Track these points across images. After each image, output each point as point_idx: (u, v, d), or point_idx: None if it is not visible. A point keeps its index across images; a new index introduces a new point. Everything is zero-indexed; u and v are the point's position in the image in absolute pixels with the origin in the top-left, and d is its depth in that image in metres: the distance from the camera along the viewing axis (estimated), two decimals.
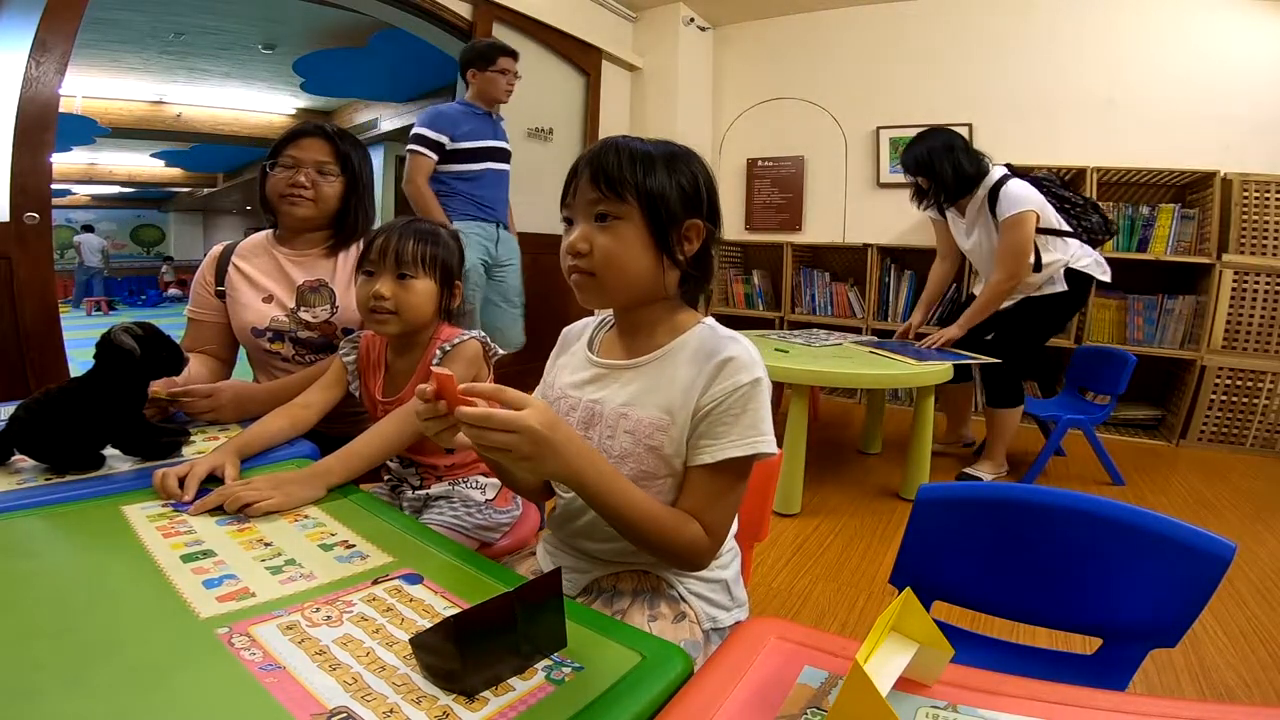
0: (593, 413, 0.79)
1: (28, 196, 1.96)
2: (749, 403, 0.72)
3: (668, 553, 0.72)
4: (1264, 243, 3.05)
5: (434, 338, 1.11)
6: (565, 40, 3.70)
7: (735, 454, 0.71)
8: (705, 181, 0.78)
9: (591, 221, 0.75)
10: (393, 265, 1.05)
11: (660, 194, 0.74)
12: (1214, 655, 1.49)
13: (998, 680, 0.51)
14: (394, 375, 1.14)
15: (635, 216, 0.73)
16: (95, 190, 11.22)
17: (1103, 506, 0.78)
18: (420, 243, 1.07)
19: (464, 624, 0.48)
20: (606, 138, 0.78)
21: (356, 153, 1.36)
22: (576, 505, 0.82)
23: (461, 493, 1.12)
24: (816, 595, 1.74)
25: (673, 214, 0.74)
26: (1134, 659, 0.77)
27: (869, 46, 3.97)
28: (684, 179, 0.76)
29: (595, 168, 0.74)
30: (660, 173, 0.74)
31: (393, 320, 1.06)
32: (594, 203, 0.74)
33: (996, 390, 2.49)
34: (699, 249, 0.77)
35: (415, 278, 1.06)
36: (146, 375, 0.97)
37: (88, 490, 0.84)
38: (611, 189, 0.73)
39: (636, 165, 0.74)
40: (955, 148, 2.45)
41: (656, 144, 0.77)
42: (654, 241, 0.74)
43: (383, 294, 1.04)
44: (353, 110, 7.24)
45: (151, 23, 4.70)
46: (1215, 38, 3.23)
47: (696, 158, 0.80)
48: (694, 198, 0.76)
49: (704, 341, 0.76)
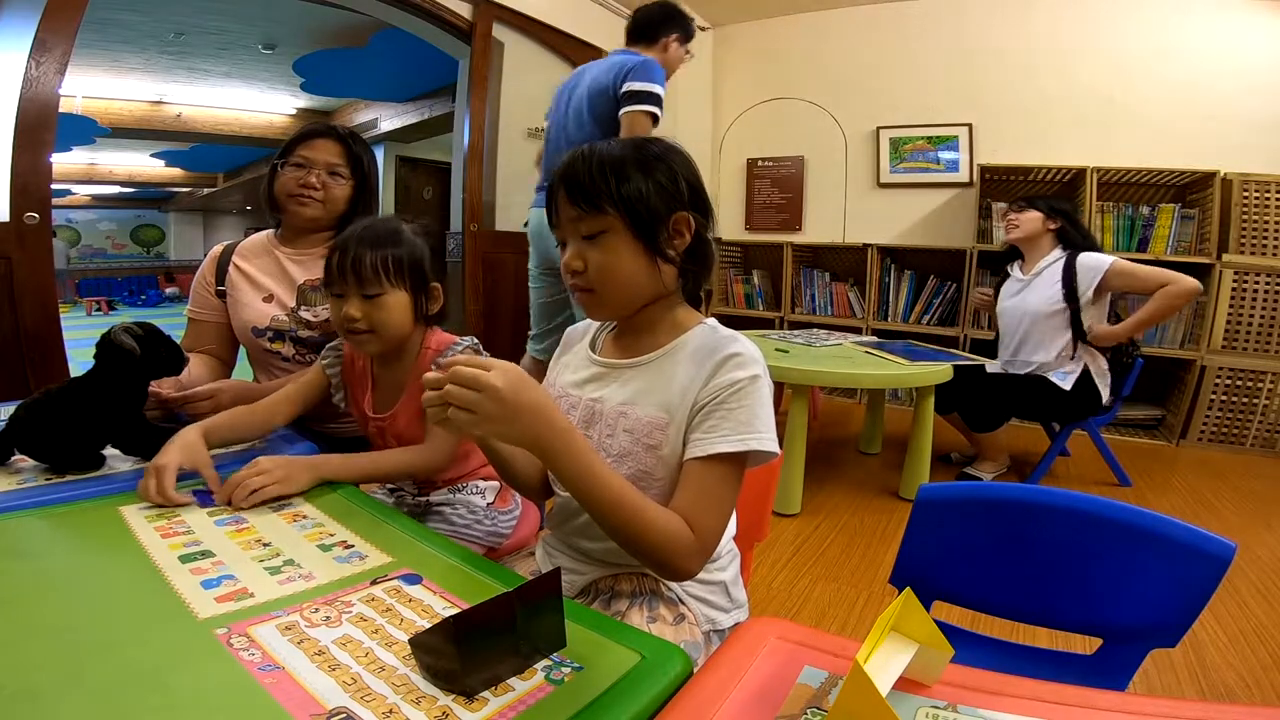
0: (593, 411, 0.79)
1: (28, 196, 1.96)
2: (745, 398, 0.71)
3: (647, 547, 0.67)
4: (1264, 243, 3.05)
5: (423, 346, 1.08)
6: (565, 40, 3.70)
7: (726, 449, 0.69)
8: (685, 173, 0.77)
9: (580, 240, 0.75)
10: (356, 284, 1.00)
11: (638, 197, 0.73)
12: (1214, 655, 1.49)
13: (998, 680, 0.51)
14: (383, 390, 1.10)
15: (619, 226, 0.73)
16: (95, 190, 11.20)
17: (1103, 506, 0.78)
18: (380, 255, 1.00)
19: (463, 624, 0.48)
20: (576, 148, 0.77)
21: (368, 156, 1.37)
22: (575, 503, 0.82)
23: (463, 499, 1.11)
24: (816, 595, 1.74)
25: (655, 213, 0.74)
26: (1134, 659, 0.77)
27: (869, 46, 3.96)
28: (661, 176, 0.75)
29: (569, 183, 0.74)
30: (634, 175, 0.73)
31: (371, 340, 1.02)
32: (576, 220, 0.74)
33: (977, 418, 2.48)
34: (692, 241, 0.77)
35: (383, 293, 1.00)
36: (146, 375, 0.97)
37: (87, 490, 0.84)
38: (589, 203, 0.73)
39: (608, 172, 0.73)
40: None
41: (627, 145, 0.76)
42: (643, 245, 0.74)
43: (354, 316, 1.00)
44: (353, 110, 7.23)
45: (151, 23, 4.69)
46: (1215, 38, 3.22)
47: (674, 151, 0.78)
48: (675, 192, 0.75)
49: (704, 340, 0.76)
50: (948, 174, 3.82)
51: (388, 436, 1.09)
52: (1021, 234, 2.55)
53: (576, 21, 3.73)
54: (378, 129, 6.98)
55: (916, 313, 3.79)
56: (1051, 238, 2.52)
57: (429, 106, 6.28)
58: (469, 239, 3.37)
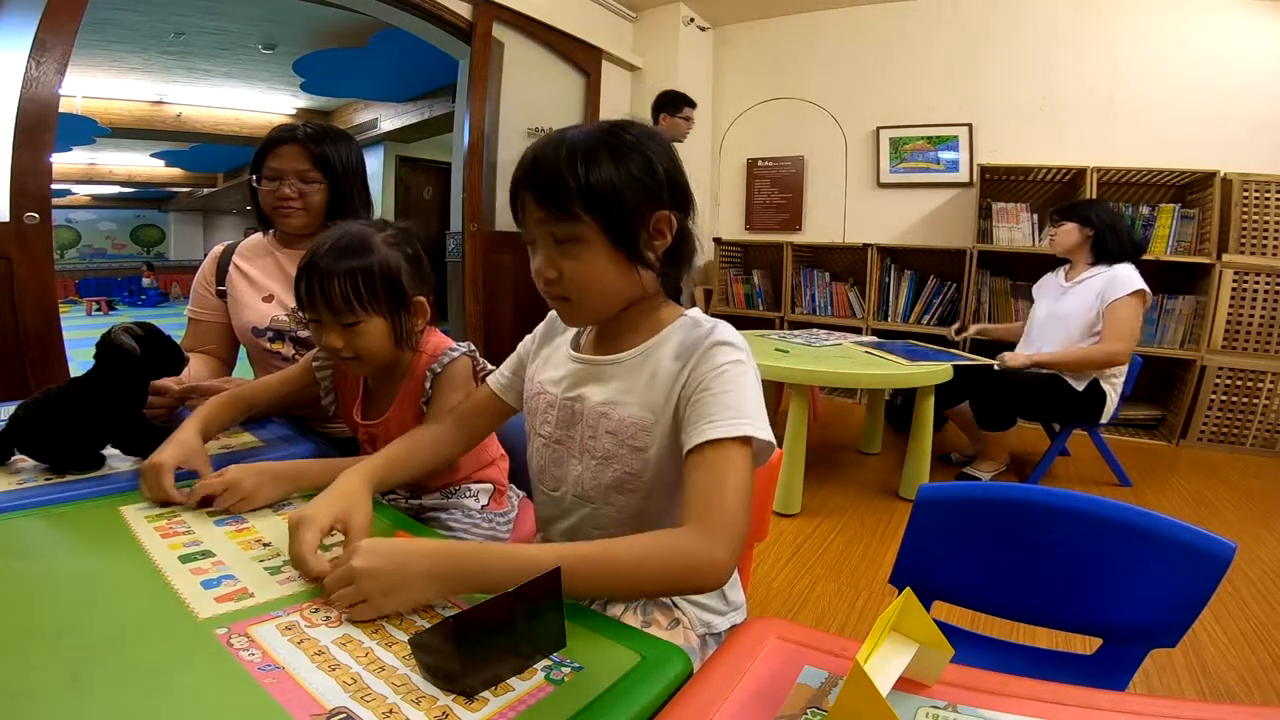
0: (572, 411, 0.78)
1: (28, 196, 1.96)
2: (730, 383, 0.68)
3: (667, 574, 0.61)
4: (1264, 243, 3.05)
5: (418, 352, 1.04)
6: (565, 40, 3.70)
7: (717, 435, 0.65)
8: (664, 161, 0.70)
9: (552, 245, 0.69)
10: (329, 313, 0.92)
11: (612, 196, 0.66)
12: (1214, 655, 1.49)
13: (998, 680, 0.51)
14: (375, 397, 1.07)
15: (593, 234, 0.67)
16: (95, 190, 11.20)
17: (1102, 506, 0.78)
18: (349, 281, 0.91)
19: (463, 624, 0.48)
20: (542, 137, 0.70)
21: (336, 149, 1.30)
22: (562, 505, 0.81)
23: (457, 503, 1.10)
24: (816, 595, 1.74)
25: (633, 215, 0.68)
26: (1134, 659, 0.77)
27: (869, 46, 3.97)
28: (635, 166, 0.68)
29: (536, 180, 0.68)
30: (606, 166, 0.66)
31: (358, 364, 0.98)
32: (545, 222, 0.69)
33: (989, 417, 2.47)
34: (674, 239, 0.72)
35: (360, 321, 0.93)
36: (146, 375, 0.97)
37: (87, 490, 0.84)
38: (560, 206, 0.67)
39: (577, 163, 0.66)
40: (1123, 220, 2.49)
41: (598, 132, 0.69)
42: (622, 253, 0.69)
43: (336, 346, 0.94)
44: (353, 110, 7.23)
45: (151, 23, 4.69)
46: (1215, 38, 3.22)
47: (650, 137, 0.71)
48: (652, 186, 0.69)
49: (686, 334, 0.74)
50: (948, 174, 3.82)
51: (378, 444, 1.07)
52: (1061, 248, 2.55)
53: (576, 21, 3.73)
54: (378, 129, 6.97)
55: (916, 313, 3.79)
56: (1088, 247, 2.50)
57: (429, 106, 6.28)
58: (469, 239, 3.37)
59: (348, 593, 0.58)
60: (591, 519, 0.79)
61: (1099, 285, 2.41)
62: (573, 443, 0.79)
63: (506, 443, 1.20)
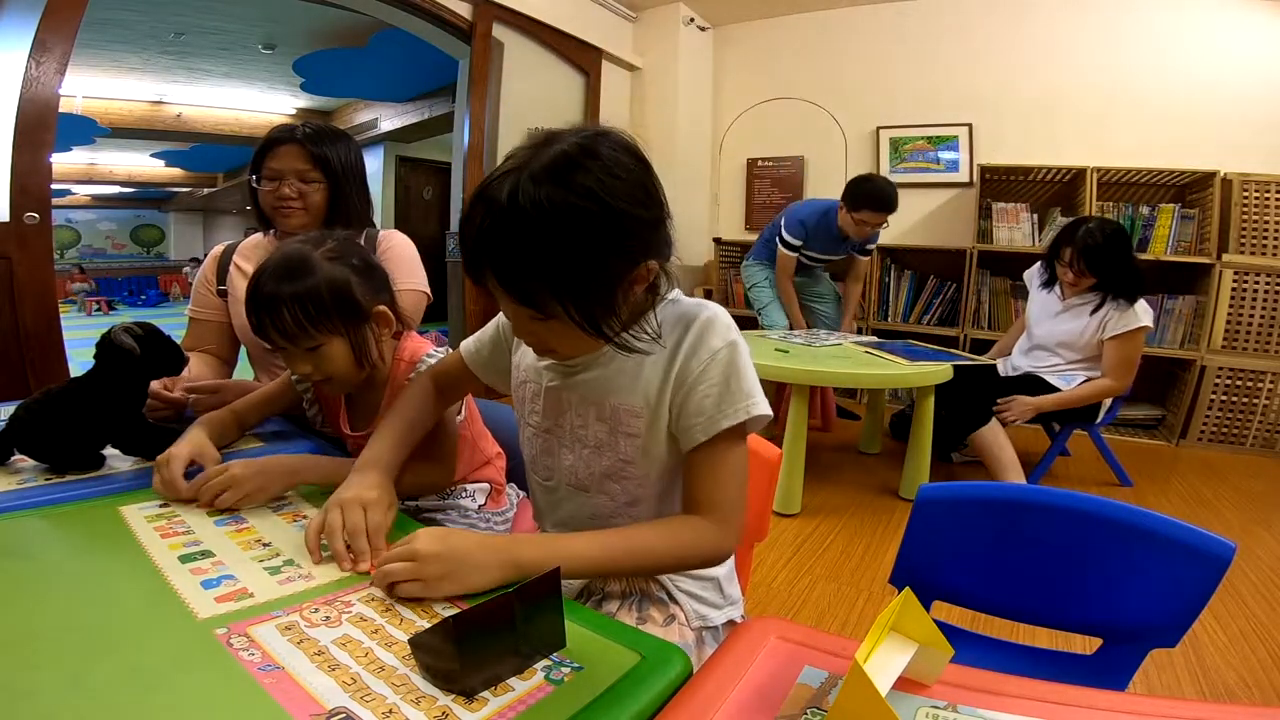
0: (559, 399, 0.78)
1: (28, 196, 1.97)
2: (729, 367, 0.69)
3: (682, 564, 0.72)
4: (1264, 243, 3.05)
5: (395, 359, 1.03)
6: (565, 40, 3.70)
7: (729, 424, 0.68)
8: (634, 202, 0.61)
9: (524, 316, 0.66)
10: (286, 343, 0.91)
11: (577, 283, 0.61)
12: (1214, 655, 1.49)
13: (998, 680, 0.51)
14: (358, 407, 1.06)
15: (562, 317, 0.63)
16: (95, 190, 11.20)
17: (1102, 506, 0.78)
18: (297, 306, 0.87)
19: (463, 624, 0.48)
20: (494, 175, 0.62)
21: (335, 148, 1.30)
22: (556, 494, 0.82)
23: (453, 504, 1.10)
24: (816, 595, 1.74)
25: (604, 292, 0.63)
26: (1134, 659, 0.77)
27: (869, 46, 3.97)
28: (601, 231, 0.59)
29: (494, 259, 0.62)
30: (570, 243, 0.59)
31: (331, 385, 0.97)
32: (509, 300, 0.64)
33: (969, 418, 2.39)
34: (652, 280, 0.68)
35: (320, 344, 0.91)
36: (146, 375, 0.97)
37: (87, 490, 0.84)
38: (527, 301, 0.62)
39: (539, 251, 0.59)
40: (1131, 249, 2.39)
41: (555, 180, 0.58)
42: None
43: (306, 373, 0.93)
44: (353, 110, 7.23)
45: (151, 23, 4.69)
46: (1215, 38, 3.23)
47: (612, 172, 0.60)
48: (622, 237, 0.61)
49: (669, 314, 0.73)
50: (948, 174, 3.82)
51: None
52: (1075, 290, 2.44)
53: (576, 21, 3.73)
54: (378, 129, 6.98)
55: (916, 313, 3.79)
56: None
57: (429, 106, 6.28)
58: None
59: (404, 568, 0.60)
60: (587, 507, 0.79)
61: (1101, 314, 2.36)
62: (563, 432, 0.78)
63: (506, 443, 1.19)
